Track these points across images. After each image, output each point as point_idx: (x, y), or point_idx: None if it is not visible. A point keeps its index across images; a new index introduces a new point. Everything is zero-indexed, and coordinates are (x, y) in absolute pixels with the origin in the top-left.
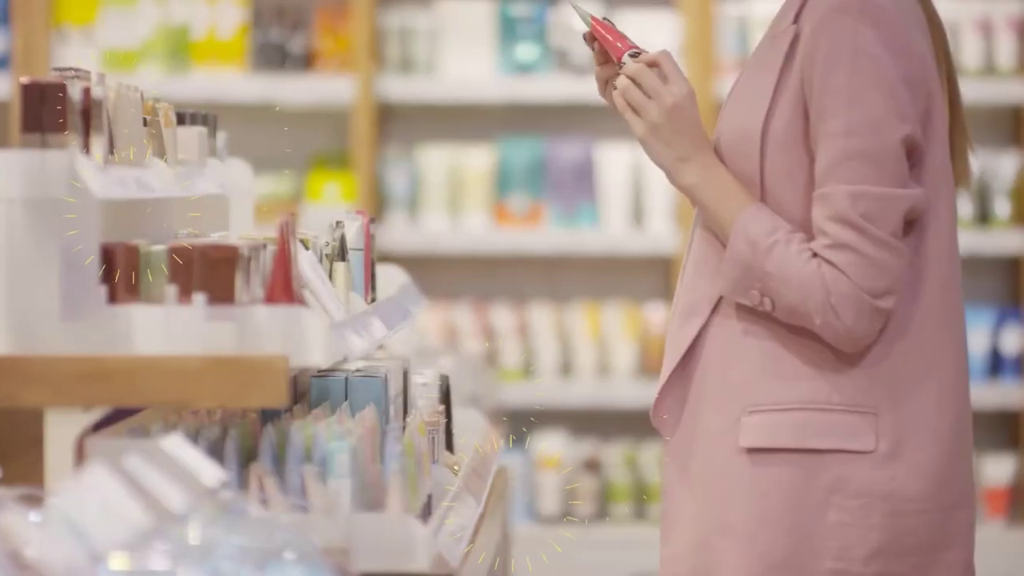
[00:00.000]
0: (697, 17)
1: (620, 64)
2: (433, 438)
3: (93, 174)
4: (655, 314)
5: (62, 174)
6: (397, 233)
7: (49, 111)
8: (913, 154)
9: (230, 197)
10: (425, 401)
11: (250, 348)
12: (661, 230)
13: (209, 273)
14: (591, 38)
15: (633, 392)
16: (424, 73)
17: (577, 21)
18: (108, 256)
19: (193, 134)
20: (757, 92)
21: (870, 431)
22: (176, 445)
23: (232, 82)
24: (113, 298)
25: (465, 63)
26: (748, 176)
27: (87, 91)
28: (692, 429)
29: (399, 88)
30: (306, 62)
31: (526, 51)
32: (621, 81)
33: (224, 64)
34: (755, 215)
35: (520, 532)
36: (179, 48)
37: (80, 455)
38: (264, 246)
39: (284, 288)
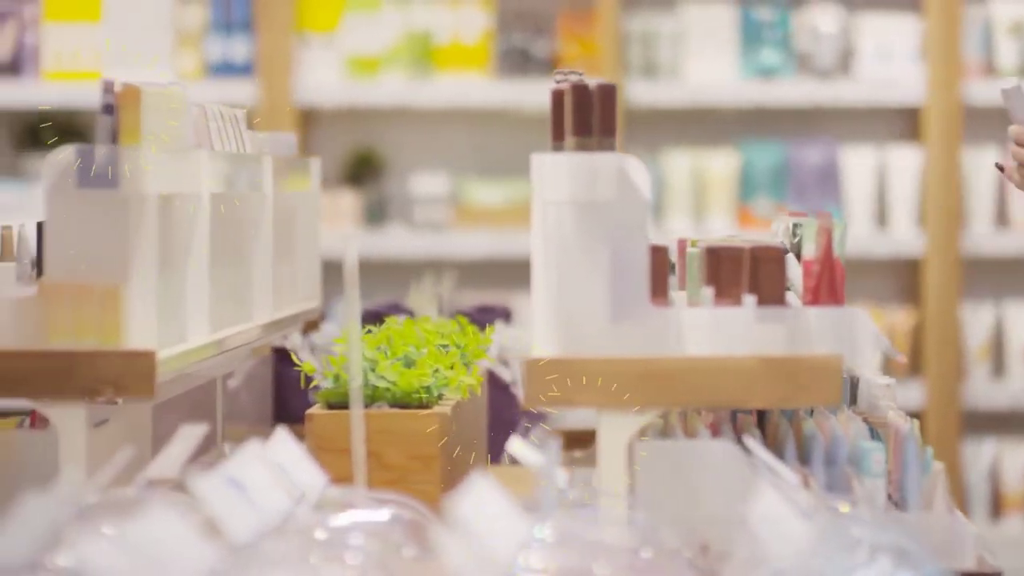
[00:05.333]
0: (941, 19)
1: None
2: None
3: (640, 175)
4: (898, 316)
5: (613, 176)
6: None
7: (600, 113)
8: None
9: None
10: (888, 403)
11: (798, 349)
12: (905, 232)
13: (758, 275)
14: None
15: None
16: (667, 77)
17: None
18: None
19: None
20: None
21: None
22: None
23: (476, 87)
24: None
25: (707, 67)
26: None
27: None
28: None
29: (642, 92)
30: (550, 66)
31: (769, 55)
32: None
33: (468, 69)
34: None
35: None
36: (422, 54)
37: (631, 456)
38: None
39: (831, 290)
